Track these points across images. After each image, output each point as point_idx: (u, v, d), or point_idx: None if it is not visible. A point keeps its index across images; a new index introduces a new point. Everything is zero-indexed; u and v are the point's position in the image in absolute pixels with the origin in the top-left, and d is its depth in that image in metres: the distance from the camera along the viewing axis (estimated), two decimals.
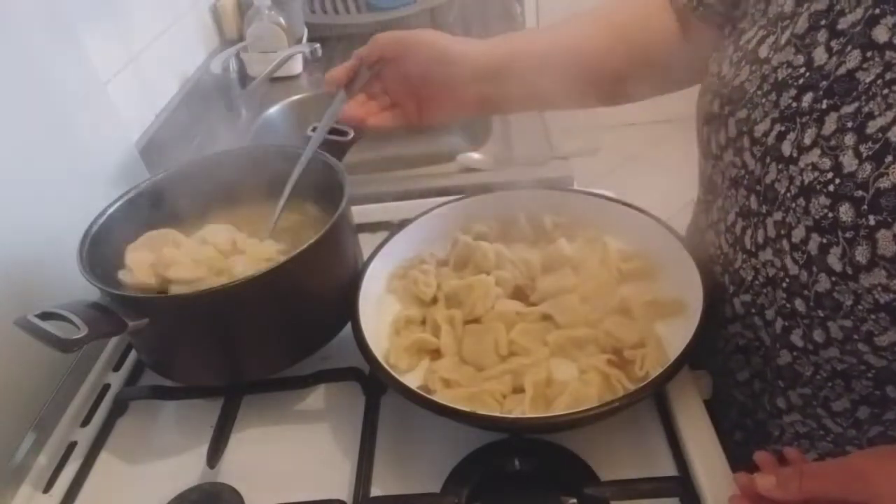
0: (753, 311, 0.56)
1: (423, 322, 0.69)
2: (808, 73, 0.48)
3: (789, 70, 0.49)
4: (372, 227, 0.85)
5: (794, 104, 0.48)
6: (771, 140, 0.50)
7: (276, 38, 1.35)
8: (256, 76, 1.30)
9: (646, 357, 0.60)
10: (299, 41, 1.42)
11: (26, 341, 0.54)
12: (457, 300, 0.68)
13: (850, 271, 0.45)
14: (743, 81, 0.53)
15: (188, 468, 0.63)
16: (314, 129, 0.75)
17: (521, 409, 0.58)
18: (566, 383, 0.59)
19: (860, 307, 0.46)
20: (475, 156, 1.04)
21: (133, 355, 0.76)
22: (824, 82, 0.46)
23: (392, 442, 0.63)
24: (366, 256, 0.73)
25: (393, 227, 0.77)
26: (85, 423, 0.68)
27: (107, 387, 0.72)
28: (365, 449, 0.61)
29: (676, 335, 0.62)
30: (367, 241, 0.77)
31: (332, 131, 0.75)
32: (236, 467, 0.63)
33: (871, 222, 0.43)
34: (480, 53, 0.67)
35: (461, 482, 0.57)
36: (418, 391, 0.58)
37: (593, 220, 0.75)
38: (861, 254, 0.44)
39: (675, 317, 0.64)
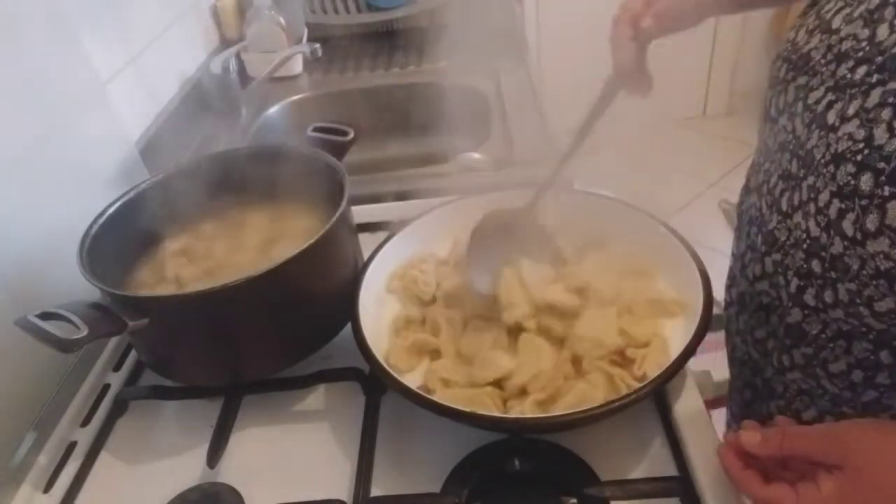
0: (780, 270, 0.58)
1: (423, 322, 0.69)
2: (868, 47, 0.49)
3: (853, 42, 0.51)
4: (372, 227, 0.85)
5: (849, 75, 0.50)
6: (821, 108, 0.52)
7: (276, 38, 1.35)
8: (256, 76, 1.30)
9: (646, 357, 0.60)
10: (299, 41, 1.42)
11: (26, 341, 0.54)
12: (456, 300, 0.68)
13: (859, 237, 0.47)
14: (811, 49, 0.55)
15: (188, 468, 0.63)
16: (315, 130, 0.75)
17: (521, 409, 0.58)
18: (571, 384, 0.59)
19: (864, 272, 0.48)
20: (475, 156, 1.04)
21: (133, 355, 0.76)
22: (879, 57, 0.48)
23: (392, 442, 0.63)
24: (366, 256, 0.73)
25: (393, 227, 0.77)
26: (85, 423, 0.68)
27: (107, 387, 0.72)
28: (365, 449, 0.61)
29: (676, 335, 0.62)
30: (367, 241, 0.77)
31: (332, 131, 0.75)
32: (236, 467, 0.63)
33: (886, 192, 0.45)
34: None
35: (461, 482, 0.57)
36: (418, 391, 0.58)
37: (593, 220, 0.75)
38: (871, 221, 0.46)
39: (675, 317, 0.64)
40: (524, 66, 1.33)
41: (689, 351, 0.57)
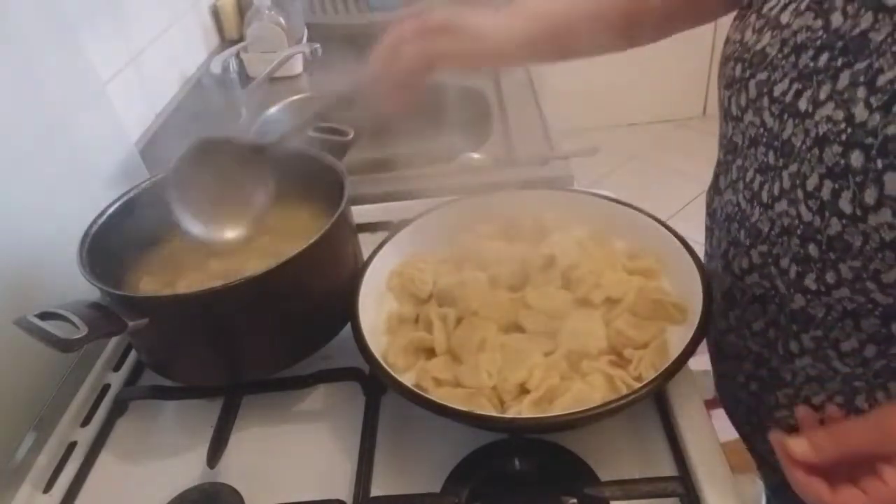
0: (770, 260, 0.58)
1: (417, 320, 0.69)
2: (825, 35, 0.51)
3: (808, 33, 0.52)
4: (372, 227, 0.85)
5: (812, 63, 0.51)
6: (789, 98, 0.53)
7: (276, 38, 1.35)
8: (256, 76, 1.30)
9: (643, 359, 0.60)
10: (299, 41, 1.42)
11: (26, 341, 0.54)
12: (449, 298, 0.68)
13: (859, 213, 0.48)
14: (764, 46, 0.55)
15: (188, 468, 0.63)
16: (315, 130, 0.75)
17: (518, 409, 0.58)
18: (569, 384, 0.59)
19: (868, 247, 0.49)
20: (475, 156, 1.04)
21: (133, 355, 0.76)
22: (840, 42, 0.49)
23: (392, 442, 0.63)
24: (366, 256, 0.73)
25: (393, 227, 0.77)
26: (85, 423, 0.69)
27: (107, 387, 0.72)
28: (365, 449, 0.61)
29: (676, 335, 0.62)
30: (367, 241, 0.77)
31: (332, 131, 0.75)
32: (236, 467, 0.63)
33: (880, 166, 0.46)
34: (516, 32, 0.65)
35: (461, 482, 0.57)
36: (418, 391, 0.58)
37: (594, 220, 0.75)
38: (869, 195, 0.47)
39: (675, 317, 0.64)
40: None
41: (689, 351, 0.57)
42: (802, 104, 0.52)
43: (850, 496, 0.45)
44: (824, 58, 0.50)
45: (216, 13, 1.44)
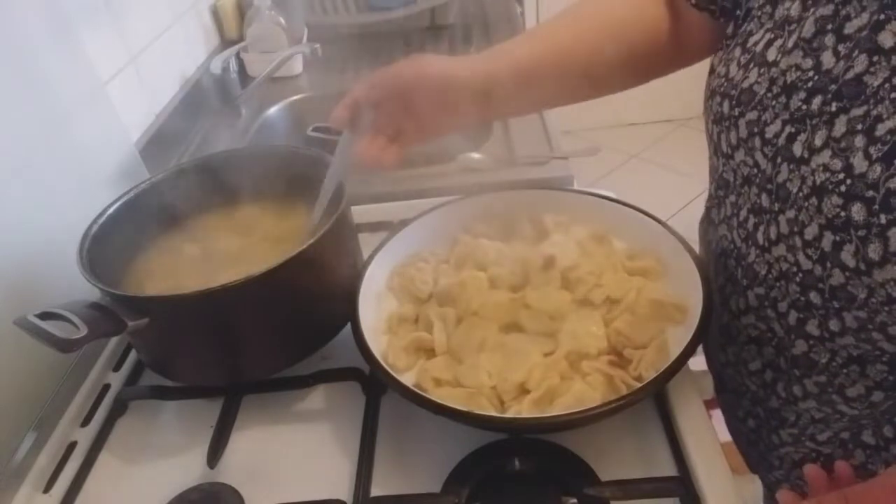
0: (766, 303, 0.57)
1: (417, 320, 0.69)
2: (816, 77, 0.48)
3: (798, 73, 0.50)
4: (372, 227, 0.85)
5: (804, 106, 0.49)
6: (782, 141, 0.51)
7: (276, 38, 1.35)
8: (256, 76, 1.30)
9: (642, 359, 0.60)
10: (299, 41, 1.42)
11: (26, 341, 0.54)
12: (449, 298, 0.68)
13: (863, 267, 0.46)
14: (752, 84, 0.53)
15: (188, 468, 0.63)
16: (315, 129, 0.75)
17: (518, 408, 0.58)
18: (569, 384, 0.59)
19: (873, 300, 0.47)
20: (475, 156, 1.04)
21: (133, 355, 0.76)
22: (833, 86, 0.47)
23: (392, 442, 0.63)
24: (366, 256, 0.73)
25: (393, 227, 0.77)
26: (85, 423, 0.68)
27: (107, 387, 0.72)
28: (365, 449, 0.61)
29: (676, 335, 0.62)
30: (367, 241, 0.77)
31: (333, 131, 0.75)
32: (236, 467, 0.63)
33: (883, 221, 0.44)
34: (481, 74, 0.65)
35: (461, 482, 0.57)
36: (418, 391, 0.58)
37: (594, 220, 0.75)
38: (874, 251, 0.45)
39: (675, 317, 0.64)
40: None
41: (689, 351, 0.57)
42: (797, 149, 0.49)
43: None
44: (817, 101, 0.48)
45: (216, 13, 1.44)
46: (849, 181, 0.45)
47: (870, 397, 0.54)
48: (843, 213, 0.46)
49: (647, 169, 2.73)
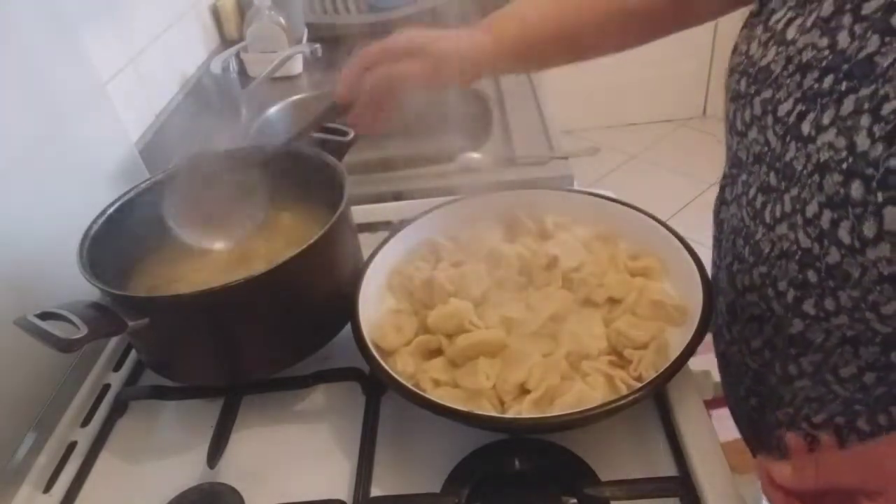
0: (768, 281, 0.57)
1: (416, 315, 0.68)
2: (830, 56, 0.49)
3: (814, 52, 0.50)
4: (372, 227, 0.85)
5: (816, 85, 0.50)
6: (792, 119, 0.52)
7: (276, 38, 1.35)
8: (256, 76, 1.30)
9: (643, 359, 0.60)
10: (299, 41, 1.42)
11: (26, 341, 0.54)
12: (443, 331, 0.65)
13: (857, 245, 0.47)
14: (770, 62, 0.54)
15: (188, 468, 0.63)
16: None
17: (518, 409, 0.58)
18: (569, 384, 0.59)
19: (866, 278, 0.47)
20: (475, 156, 1.04)
21: (133, 355, 0.76)
22: (845, 65, 0.48)
23: (392, 442, 0.63)
24: (366, 256, 0.73)
25: (393, 227, 0.77)
26: (85, 423, 0.68)
27: (107, 387, 0.72)
28: (365, 449, 0.61)
29: (676, 336, 0.62)
30: (367, 241, 0.77)
31: (332, 131, 0.75)
32: (236, 467, 0.63)
33: (880, 199, 0.44)
34: (488, 48, 0.69)
35: (461, 482, 0.57)
36: (418, 391, 0.58)
37: (594, 220, 0.75)
38: (869, 228, 0.45)
39: (675, 318, 0.64)
40: None
41: (689, 351, 0.57)
42: (805, 127, 0.50)
43: None
44: (829, 80, 0.49)
45: (216, 13, 1.44)
46: (850, 159, 0.46)
47: (862, 378, 0.55)
48: (842, 191, 0.47)
49: (647, 169, 2.73)
